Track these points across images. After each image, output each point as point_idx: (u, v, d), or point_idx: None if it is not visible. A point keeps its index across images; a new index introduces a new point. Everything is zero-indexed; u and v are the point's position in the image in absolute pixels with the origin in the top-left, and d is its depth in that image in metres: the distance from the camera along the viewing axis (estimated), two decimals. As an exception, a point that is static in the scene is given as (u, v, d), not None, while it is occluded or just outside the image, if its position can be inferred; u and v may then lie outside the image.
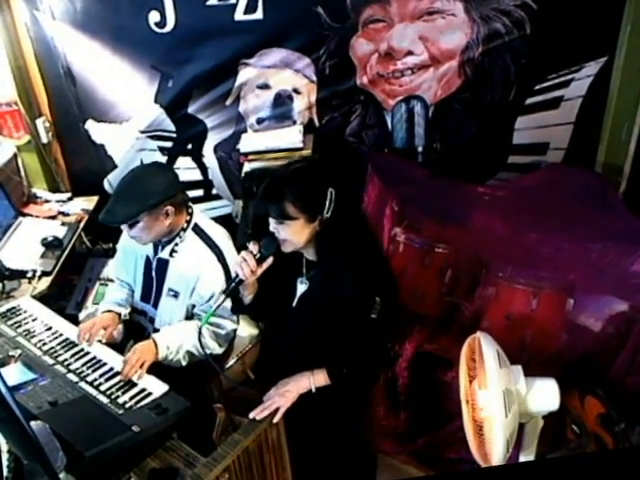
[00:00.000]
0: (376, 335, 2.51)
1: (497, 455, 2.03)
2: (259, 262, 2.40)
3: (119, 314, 3.15)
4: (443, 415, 2.95)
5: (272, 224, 2.39)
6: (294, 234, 2.37)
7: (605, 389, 2.72)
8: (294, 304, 2.61)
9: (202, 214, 3.10)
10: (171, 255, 2.98)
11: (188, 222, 2.98)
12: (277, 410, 2.45)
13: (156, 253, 3.04)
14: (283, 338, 2.71)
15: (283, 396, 2.47)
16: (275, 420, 2.43)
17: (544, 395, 2.21)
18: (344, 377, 2.53)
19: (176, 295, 2.99)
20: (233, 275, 2.45)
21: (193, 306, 2.98)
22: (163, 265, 3.02)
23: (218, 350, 3.01)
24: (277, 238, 2.40)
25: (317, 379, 2.50)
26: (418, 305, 3.46)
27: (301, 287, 2.59)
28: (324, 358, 2.55)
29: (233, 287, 2.45)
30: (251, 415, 2.44)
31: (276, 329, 2.79)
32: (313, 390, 2.50)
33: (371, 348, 2.54)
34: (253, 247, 2.43)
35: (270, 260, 2.42)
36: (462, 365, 2.36)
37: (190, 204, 3.03)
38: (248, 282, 2.45)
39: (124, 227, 2.88)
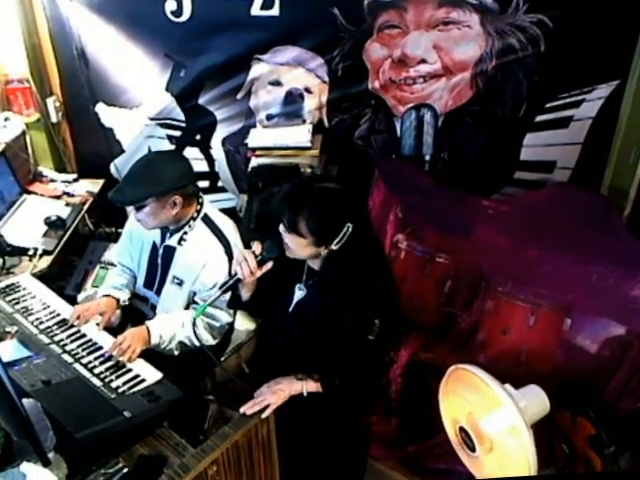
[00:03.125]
0: (371, 356, 2.49)
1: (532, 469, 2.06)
2: (260, 264, 2.38)
3: (117, 299, 3.16)
4: (434, 424, 2.95)
5: (282, 226, 2.36)
6: (298, 247, 2.36)
7: (597, 411, 2.73)
8: (290, 309, 2.60)
9: (212, 205, 3.11)
10: (179, 243, 3.00)
11: (198, 212, 2.99)
12: (267, 406, 2.45)
13: (163, 240, 3.05)
14: (278, 340, 2.72)
15: (275, 394, 2.47)
16: (264, 416, 2.42)
17: (537, 401, 2.24)
18: (336, 388, 2.52)
19: (180, 283, 3.01)
20: (232, 273, 2.44)
21: (194, 294, 3.00)
22: (170, 252, 3.04)
23: (211, 342, 3.02)
24: (282, 242, 2.39)
25: (310, 385, 2.50)
26: (416, 313, 3.46)
27: (299, 293, 2.59)
28: (318, 365, 2.54)
29: (231, 285, 2.44)
30: (242, 410, 2.43)
31: (272, 329, 2.79)
32: (305, 394, 2.49)
33: (365, 368, 2.52)
34: (256, 247, 2.41)
35: (270, 264, 2.40)
36: (455, 396, 2.38)
37: (201, 194, 3.04)
38: (247, 281, 2.44)
39: (132, 208, 2.90)
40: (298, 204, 2.30)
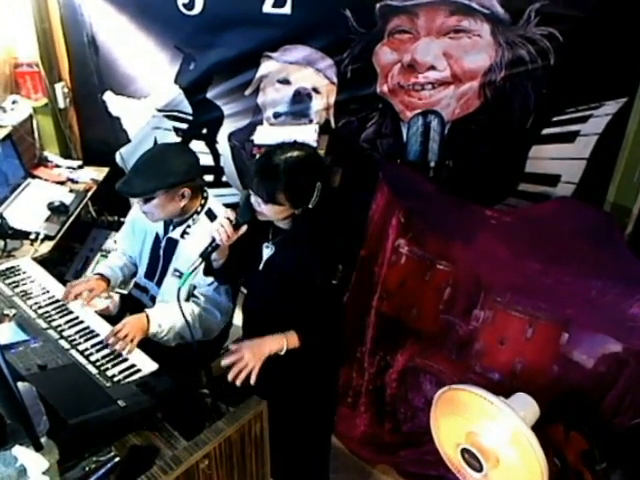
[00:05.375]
0: (335, 299, 2.63)
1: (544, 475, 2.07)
2: (235, 228, 2.50)
3: (109, 280, 3.17)
4: (426, 431, 2.94)
5: (254, 198, 2.49)
6: (274, 214, 2.50)
7: (591, 426, 2.73)
8: (260, 267, 2.71)
9: (216, 200, 3.12)
10: (182, 236, 3.01)
11: (202, 206, 3.01)
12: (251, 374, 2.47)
13: (166, 232, 3.06)
14: (252, 299, 2.87)
15: (256, 355, 2.49)
16: (252, 382, 2.45)
17: (530, 408, 2.25)
18: (312, 340, 2.61)
19: (181, 276, 3.00)
20: (209, 240, 2.52)
21: (194, 287, 3.00)
22: (172, 245, 3.05)
23: (209, 336, 3.03)
24: (252, 206, 2.51)
25: (290, 341, 2.56)
26: (414, 318, 3.47)
27: (267, 251, 2.70)
28: (290, 321, 2.61)
29: (210, 251, 2.54)
30: (229, 377, 2.45)
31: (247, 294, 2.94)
32: (283, 352, 2.55)
33: (331, 312, 2.64)
34: (230, 214, 2.54)
35: (245, 227, 2.52)
36: (452, 418, 2.38)
37: (206, 189, 3.05)
38: (223, 247, 2.55)
39: (138, 201, 2.90)
40: (272, 177, 2.42)
